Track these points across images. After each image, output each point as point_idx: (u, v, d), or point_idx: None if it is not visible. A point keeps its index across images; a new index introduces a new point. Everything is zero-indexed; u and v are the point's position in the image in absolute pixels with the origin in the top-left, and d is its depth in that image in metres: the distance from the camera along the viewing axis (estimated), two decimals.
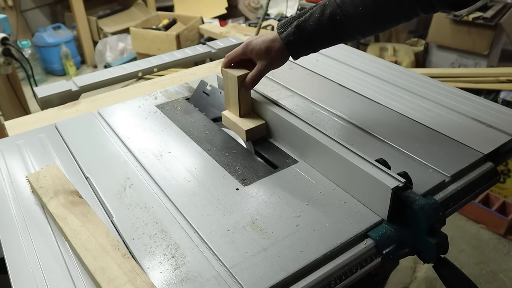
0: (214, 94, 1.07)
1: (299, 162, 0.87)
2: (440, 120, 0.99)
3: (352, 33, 0.82)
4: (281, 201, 0.76)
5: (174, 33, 3.14)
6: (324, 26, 0.81)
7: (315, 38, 0.83)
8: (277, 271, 0.63)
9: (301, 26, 0.83)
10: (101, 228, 0.71)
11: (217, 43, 1.52)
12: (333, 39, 0.85)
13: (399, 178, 0.70)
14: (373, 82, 1.18)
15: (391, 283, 1.77)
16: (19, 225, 0.74)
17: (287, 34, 0.84)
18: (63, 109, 1.15)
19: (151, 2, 4.20)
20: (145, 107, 1.09)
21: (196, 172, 0.84)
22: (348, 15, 0.79)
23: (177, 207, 0.76)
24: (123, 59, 3.68)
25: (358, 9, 0.78)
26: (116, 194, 0.80)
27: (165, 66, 1.38)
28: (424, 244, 0.68)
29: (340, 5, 0.79)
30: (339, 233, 0.69)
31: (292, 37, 0.84)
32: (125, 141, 0.95)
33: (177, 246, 0.68)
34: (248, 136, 0.92)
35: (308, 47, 0.86)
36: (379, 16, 0.79)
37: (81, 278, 0.64)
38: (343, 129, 0.98)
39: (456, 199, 0.81)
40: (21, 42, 3.33)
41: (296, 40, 0.84)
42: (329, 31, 0.82)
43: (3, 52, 1.75)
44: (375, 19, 0.80)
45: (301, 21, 0.83)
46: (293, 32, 0.83)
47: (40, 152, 0.93)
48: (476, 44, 2.77)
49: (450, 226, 2.02)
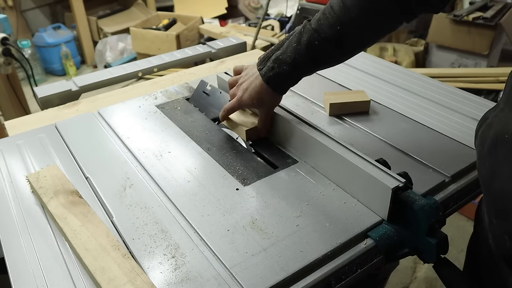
0: (214, 94, 1.07)
1: (299, 162, 0.87)
2: (440, 120, 0.99)
3: (334, 55, 0.79)
4: (281, 201, 0.76)
5: (174, 33, 3.14)
6: (302, 55, 0.77)
7: (295, 69, 0.79)
8: (277, 271, 0.63)
9: (279, 59, 0.79)
10: (101, 228, 0.71)
11: (217, 43, 1.52)
12: (315, 66, 0.82)
13: (399, 178, 0.70)
14: (373, 82, 1.18)
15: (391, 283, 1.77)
16: (19, 225, 0.74)
17: (266, 71, 0.81)
18: (63, 109, 1.15)
19: (151, 2, 4.20)
20: (145, 107, 1.09)
21: (196, 172, 0.84)
22: (327, 38, 0.75)
23: (177, 207, 0.76)
24: (123, 59, 3.68)
25: (336, 28, 0.74)
26: (116, 194, 0.80)
27: (165, 66, 1.38)
28: (424, 244, 0.68)
29: (316, 29, 0.75)
30: (339, 233, 0.69)
31: (271, 73, 0.80)
32: (125, 141, 0.95)
33: (177, 246, 0.68)
34: (248, 136, 0.92)
35: (291, 79, 0.82)
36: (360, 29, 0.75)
37: (81, 278, 0.64)
38: (343, 129, 0.98)
39: (456, 199, 0.81)
40: (21, 42, 3.34)
41: (276, 76, 0.80)
42: (309, 59, 0.78)
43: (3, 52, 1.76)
44: (357, 35, 0.76)
45: (279, 54, 0.80)
46: (272, 67, 0.80)
47: (40, 152, 0.93)
48: (476, 44, 2.77)
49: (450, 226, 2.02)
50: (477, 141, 0.67)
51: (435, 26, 2.91)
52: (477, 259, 0.77)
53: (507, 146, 0.57)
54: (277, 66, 0.80)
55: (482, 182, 0.63)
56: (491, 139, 0.60)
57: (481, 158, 0.63)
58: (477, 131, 0.68)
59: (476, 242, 0.77)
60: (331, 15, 0.74)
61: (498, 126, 0.60)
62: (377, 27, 0.77)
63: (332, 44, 0.76)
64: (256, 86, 0.84)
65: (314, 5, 2.90)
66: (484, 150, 0.62)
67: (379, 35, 0.80)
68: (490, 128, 0.62)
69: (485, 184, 0.62)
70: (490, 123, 0.63)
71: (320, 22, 0.75)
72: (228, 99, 1.04)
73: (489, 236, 0.64)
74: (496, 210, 0.59)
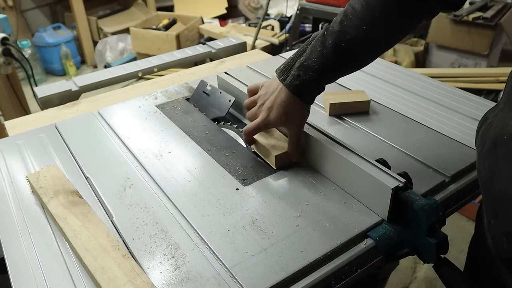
0: (214, 94, 1.07)
1: (299, 162, 0.86)
2: (440, 120, 0.99)
3: (361, 57, 0.75)
4: (281, 201, 0.76)
5: (174, 33, 3.14)
6: (329, 58, 0.73)
7: (322, 75, 0.75)
8: (277, 271, 0.63)
9: (304, 65, 0.74)
10: (101, 228, 0.71)
11: (217, 43, 1.52)
12: (342, 70, 0.77)
13: (399, 178, 0.70)
14: (373, 82, 1.18)
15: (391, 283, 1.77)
16: (19, 225, 0.74)
17: (291, 80, 0.75)
18: (63, 109, 1.15)
19: (151, 2, 4.20)
20: (145, 107, 1.09)
21: (196, 172, 0.84)
22: (354, 39, 0.71)
23: (177, 207, 0.76)
24: (123, 59, 3.68)
25: (362, 28, 0.71)
26: (116, 194, 0.80)
27: (165, 66, 1.38)
28: (424, 244, 0.68)
29: (341, 30, 0.72)
30: (339, 233, 0.69)
31: (297, 81, 0.75)
32: (125, 141, 0.95)
33: (177, 246, 0.68)
34: (278, 162, 0.84)
35: (318, 86, 0.77)
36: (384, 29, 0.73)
37: (81, 278, 0.64)
38: (343, 129, 0.98)
39: (456, 199, 0.81)
40: (21, 42, 3.34)
41: (304, 83, 0.75)
42: (336, 63, 0.74)
43: (3, 52, 1.76)
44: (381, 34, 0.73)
45: (303, 60, 0.75)
46: (297, 75, 0.75)
47: (40, 152, 0.93)
48: (476, 44, 2.77)
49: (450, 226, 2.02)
50: (478, 141, 0.66)
51: (435, 26, 2.91)
52: (477, 260, 0.77)
53: (506, 147, 0.56)
54: (302, 73, 0.74)
55: (482, 183, 0.63)
56: (490, 140, 0.60)
57: (480, 158, 0.63)
58: (478, 132, 0.68)
59: (477, 243, 0.77)
60: (355, 16, 0.71)
61: (497, 127, 0.60)
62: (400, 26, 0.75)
63: (359, 45, 0.73)
64: (282, 101, 0.78)
65: (314, 5, 2.89)
66: (483, 151, 0.62)
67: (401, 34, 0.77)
68: (490, 129, 0.62)
69: (484, 185, 0.62)
70: (490, 124, 0.63)
71: (343, 24, 0.72)
72: (228, 99, 1.04)
73: (488, 236, 0.64)
74: (495, 211, 0.59)
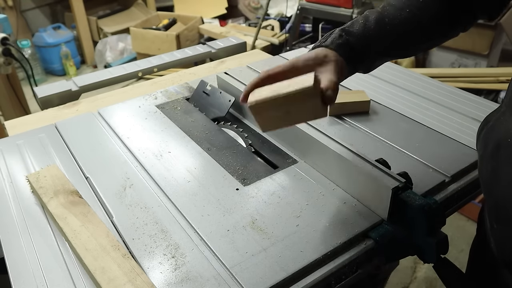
0: (214, 94, 1.07)
1: (299, 162, 0.87)
2: (440, 120, 0.99)
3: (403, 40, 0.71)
4: (281, 201, 0.76)
5: (174, 33, 3.14)
6: (372, 29, 0.69)
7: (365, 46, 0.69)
8: (277, 271, 0.63)
9: (346, 30, 0.70)
10: (101, 228, 0.71)
11: (217, 43, 1.52)
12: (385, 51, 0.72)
13: (399, 178, 0.70)
14: (373, 82, 1.18)
15: (391, 283, 1.77)
16: (19, 225, 0.74)
17: (333, 39, 0.69)
18: (63, 109, 1.15)
19: (151, 2, 4.20)
20: (145, 107, 1.09)
21: (196, 172, 0.84)
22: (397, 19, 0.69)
23: (177, 207, 0.76)
24: (123, 59, 3.68)
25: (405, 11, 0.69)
26: (116, 194, 0.80)
27: (165, 66, 1.38)
28: (424, 244, 0.68)
29: (382, 12, 0.71)
30: (339, 233, 0.69)
31: (340, 40, 0.69)
32: (125, 141, 0.95)
33: (177, 246, 0.68)
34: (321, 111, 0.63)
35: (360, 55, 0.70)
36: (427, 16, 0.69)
37: (81, 278, 0.64)
38: (343, 129, 0.98)
39: (456, 199, 0.81)
40: (21, 42, 3.34)
41: (347, 44, 0.69)
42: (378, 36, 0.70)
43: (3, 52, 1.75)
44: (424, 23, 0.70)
45: (345, 27, 0.71)
46: (339, 35, 0.69)
47: (40, 152, 0.93)
48: (476, 44, 2.76)
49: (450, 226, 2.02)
50: (479, 144, 0.66)
51: None
52: (479, 263, 0.76)
53: (509, 150, 0.56)
54: (345, 34, 0.69)
55: (484, 186, 0.62)
56: (493, 143, 0.60)
57: (483, 161, 0.62)
58: (479, 134, 0.67)
59: (479, 245, 0.77)
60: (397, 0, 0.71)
61: (500, 130, 0.59)
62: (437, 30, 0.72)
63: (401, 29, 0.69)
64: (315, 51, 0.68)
65: (314, 5, 2.89)
66: (486, 154, 0.61)
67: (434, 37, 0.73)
68: (492, 132, 0.62)
69: (486, 188, 0.61)
70: (492, 127, 0.63)
71: (385, 8, 0.71)
72: (228, 99, 1.03)
73: (491, 240, 0.64)
74: (498, 215, 0.59)
